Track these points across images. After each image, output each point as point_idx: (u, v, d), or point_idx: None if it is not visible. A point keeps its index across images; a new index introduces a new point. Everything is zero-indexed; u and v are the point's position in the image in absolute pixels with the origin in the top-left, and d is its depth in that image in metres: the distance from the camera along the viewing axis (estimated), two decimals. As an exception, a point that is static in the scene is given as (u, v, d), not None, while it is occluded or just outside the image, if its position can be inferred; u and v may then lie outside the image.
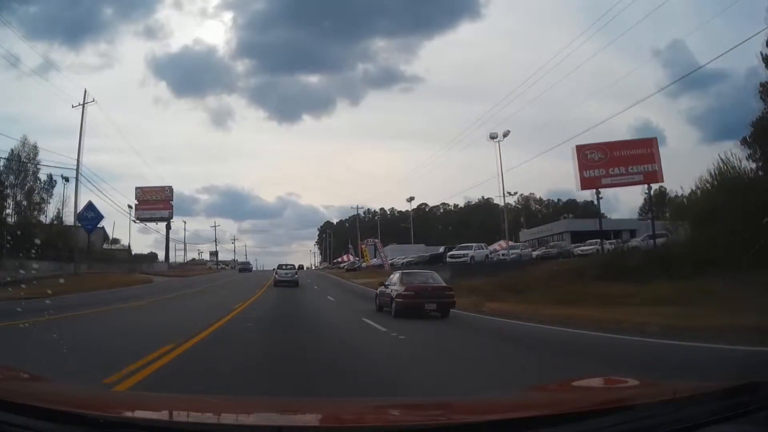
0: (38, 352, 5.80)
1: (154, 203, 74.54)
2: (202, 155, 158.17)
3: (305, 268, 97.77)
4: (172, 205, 77.11)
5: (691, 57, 73.21)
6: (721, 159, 20.30)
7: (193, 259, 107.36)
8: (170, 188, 77.31)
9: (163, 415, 1.87)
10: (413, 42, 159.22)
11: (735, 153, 21.45)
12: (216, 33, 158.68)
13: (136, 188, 75.12)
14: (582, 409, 1.74)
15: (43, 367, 3.49)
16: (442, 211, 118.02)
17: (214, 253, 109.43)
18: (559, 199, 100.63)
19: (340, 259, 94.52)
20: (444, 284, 16.16)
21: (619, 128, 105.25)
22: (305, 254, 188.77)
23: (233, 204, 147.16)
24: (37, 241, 36.36)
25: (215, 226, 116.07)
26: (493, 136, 39.42)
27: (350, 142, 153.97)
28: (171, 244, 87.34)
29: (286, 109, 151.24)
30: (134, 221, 73.05)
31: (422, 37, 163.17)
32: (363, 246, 67.77)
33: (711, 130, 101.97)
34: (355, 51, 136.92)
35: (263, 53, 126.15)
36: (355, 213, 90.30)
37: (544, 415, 1.70)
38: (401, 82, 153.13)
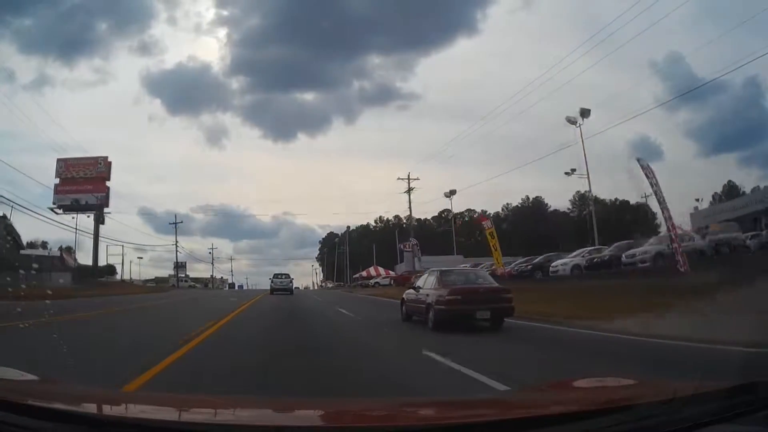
0: None
1: (82, 183, 49.80)
2: (197, 174, 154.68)
3: (303, 288, 78.23)
4: (109, 188, 51.46)
5: (687, 70, 71.82)
6: None
7: (185, 276, 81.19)
8: (106, 160, 51.37)
9: (163, 415, 1.87)
10: (410, 58, 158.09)
11: None
12: (210, 49, 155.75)
13: (58, 161, 51.18)
14: (582, 409, 1.74)
15: None
16: (467, 218, 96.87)
17: (179, 266, 77.09)
18: (616, 198, 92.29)
19: (365, 274, 66.28)
20: (497, 284, 12.90)
21: (618, 143, 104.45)
22: (301, 274, 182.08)
23: (228, 224, 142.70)
24: None
25: (176, 223, 73.18)
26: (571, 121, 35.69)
27: (346, 160, 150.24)
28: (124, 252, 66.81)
29: (281, 127, 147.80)
30: (52, 210, 48.47)
31: (419, 54, 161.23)
32: (489, 225, 35.70)
33: (709, 143, 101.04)
34: (350, 68, 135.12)
35: (258, 70, 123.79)
36: (406, 217, 60.69)
37: (544, 415, 1.71)
38: (398, 100, 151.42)
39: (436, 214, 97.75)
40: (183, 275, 79.68)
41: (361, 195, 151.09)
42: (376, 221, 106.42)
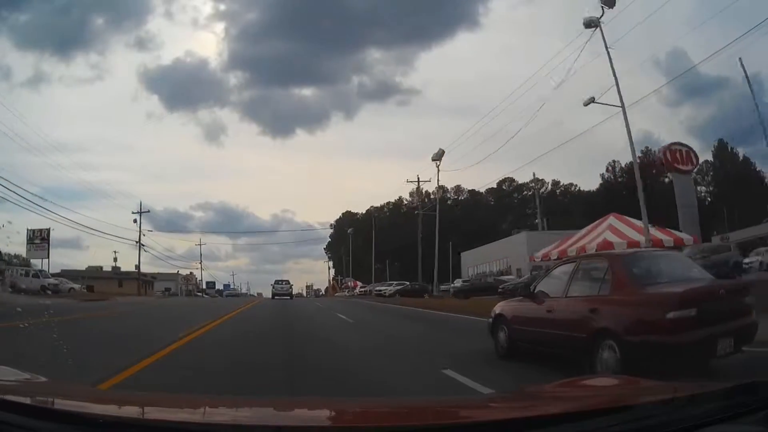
0: None
1: None
2: (195, 171, 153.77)
3: (306, 294, 66.66)
4: None
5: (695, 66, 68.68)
6: None
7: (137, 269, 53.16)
8: None
9: (162, 415, 1.86)
10: (410, 53, 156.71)
11: None
12: (208, 45, 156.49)
13: None
14: (582, 409, 1.74)
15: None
16: (530, 192, 74.72)
17: (39, 238, 45.80)
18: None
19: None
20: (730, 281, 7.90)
21: (618, 141, 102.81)
22: (300, 272, 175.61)
23: (227, 221, 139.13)
24: None
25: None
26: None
27: (346, 156, 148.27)
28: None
29: (280, 123, 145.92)
30: None
31: (419, 49, 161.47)
32: None
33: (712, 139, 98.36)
34: (349, 63, 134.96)
35: (256, 66, 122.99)
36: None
37: (544, 415, 1.70)
38: (397, 95, 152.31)
39: (495, 186, 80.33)
40: (35, 266, 43.45)
41: (361, 192, 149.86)
42: (411, 194, 78.21)
